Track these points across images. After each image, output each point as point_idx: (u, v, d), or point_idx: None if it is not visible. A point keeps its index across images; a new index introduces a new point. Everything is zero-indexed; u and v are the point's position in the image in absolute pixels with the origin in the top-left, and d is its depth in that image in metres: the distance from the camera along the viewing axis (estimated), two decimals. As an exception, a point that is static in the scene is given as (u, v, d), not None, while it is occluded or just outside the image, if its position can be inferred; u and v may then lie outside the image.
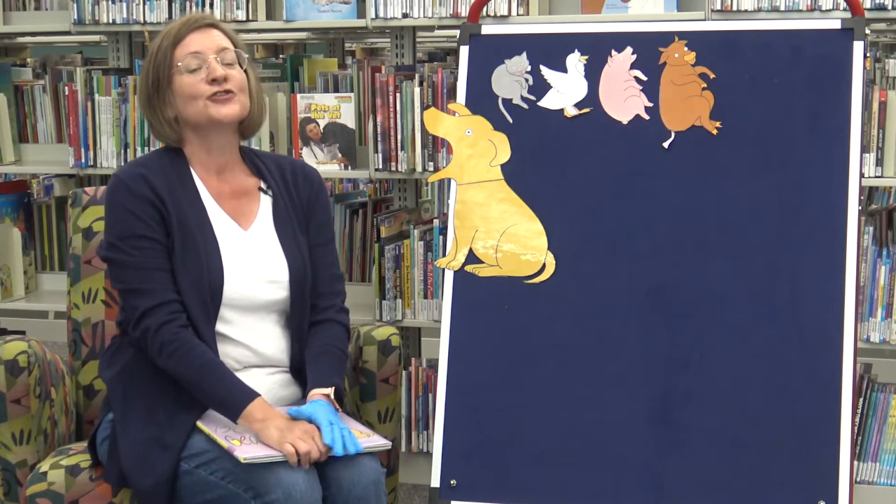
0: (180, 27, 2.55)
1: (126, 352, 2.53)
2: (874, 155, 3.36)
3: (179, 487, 2.42)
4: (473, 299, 2.76)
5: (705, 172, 2.69)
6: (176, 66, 2.51)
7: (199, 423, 2.42)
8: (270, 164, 2.65)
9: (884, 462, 3.44)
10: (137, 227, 2.47)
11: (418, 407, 3.77)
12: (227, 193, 2.57)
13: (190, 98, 2.50)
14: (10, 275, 4.09)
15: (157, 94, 2.54)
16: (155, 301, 2.45)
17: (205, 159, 2.56)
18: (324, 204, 2.68)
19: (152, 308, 2.45)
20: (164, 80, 2.52)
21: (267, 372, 2.55)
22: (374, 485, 2.38)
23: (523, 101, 2.81)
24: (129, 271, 2.48)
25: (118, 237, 2.49)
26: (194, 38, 2.53)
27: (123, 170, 2.55)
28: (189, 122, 2.53)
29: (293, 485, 2.28)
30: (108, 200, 2.53)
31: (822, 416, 2.56)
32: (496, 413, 2.70)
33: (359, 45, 6.25)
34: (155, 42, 2.56)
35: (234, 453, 2.31)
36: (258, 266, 2.53)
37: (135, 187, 2.49)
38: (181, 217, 2.49)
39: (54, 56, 5.34)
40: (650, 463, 2.62)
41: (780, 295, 2.62)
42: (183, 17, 2.59)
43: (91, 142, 3.92)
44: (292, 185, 2.64)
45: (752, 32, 2.74)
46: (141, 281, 2.47)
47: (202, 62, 2.51)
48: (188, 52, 2.51)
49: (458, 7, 3.64)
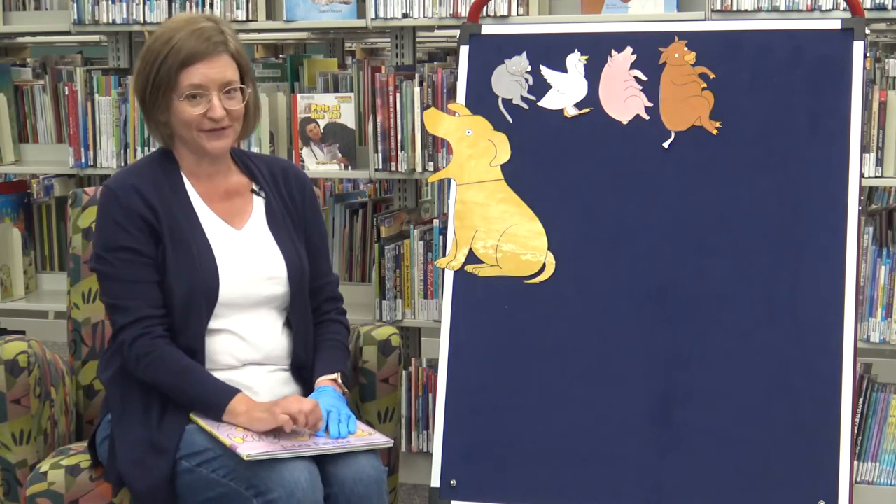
0: (192, 50, 2.44)
1: (122, 354, 2.53)
2: (874, 155, 3.36)
3: (180, 486, 2.42)
4: (473, 299, 2.76)
5: (705, 172, 2.69)
6: (177, 91, 2.45)
7: (200, 420, 2.42)
8: (261, 165, 2.64)
9: (884, 462, 3.44)
10: (123, 238, 2.46)
11: (418, 407, 3.77)
12: (218, 195, 2.56)
13: (184, 123, 2.48)
14: (10, 275, 4.09)
15: (153, 101, 2.49)
16: (131, 318, 2.46)
17: (195, 163, 2.55)
18: (316, 206, 2.69)
19: (128, 325, 2.46)
20: (162, 95, 2.47)
21: (267, 370, 2.54)
22: (376, 483, 2.39)
23: (523, 101, 2.81)
24: (112, 283, 2.48)
25: (104, 248, 2.48)
26: (201, 69, 2.44)
27: (114, 179, 2.53)
28: (182, 138, 2.52)
29: (295, 483, 2.28)
30: (98, 211, 2.53)
31: (822, 416, 2.56)
32: (496, 413, 2.70)
33: (359, 45, 6.25)
34: (158, 45, 2.46)
35: (237, 451, 2.30)
36: (255, 264, 2.52)
37: (124, 198, 2.47)
38: (172, 224, 2.48)
39: (54, 56, 5.33)
40: (650, 463, 2.62)
41: (780, 295, 2.62)
42: (194, 27, 2.46)
43: (91, 142, 3.92)
44: (283, 187, 2.63)
45: (752, 32, 2.74)
46: (120, 296, 2.47)
47: (204, 96, 2.46)
48: (192, 83, 2.44)
49: (458, 7, 3.64)
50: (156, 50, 2.47)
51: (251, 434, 2.36)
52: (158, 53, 2.46)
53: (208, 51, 2.45)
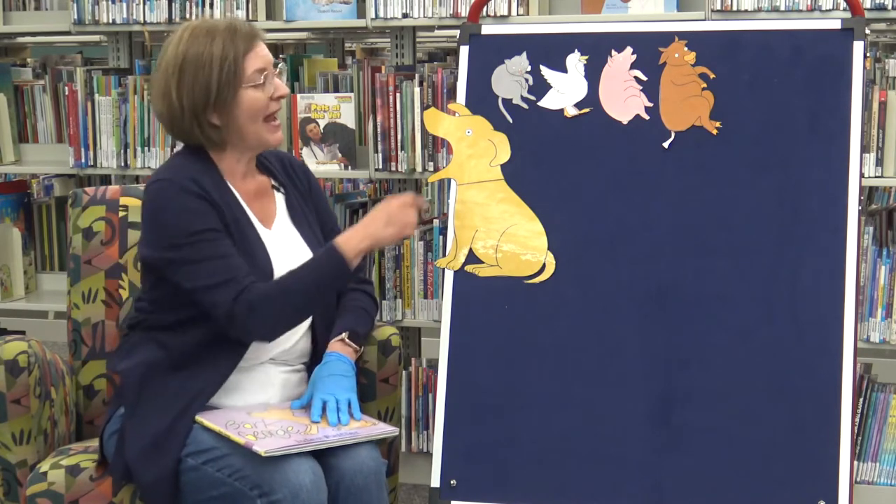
0: (246, 37, 2.47)
1: (147, 346, 2.52)
2: (874, 155, 3.36)
3: (185, 483, 2.42)
4: (473, 299, 2.76)
5: (705, 172, 2.69)
6: (244, 79, 2.46)
7: (205, 420, 2.42)
8: (273, 160, 2.67)
9: (884, 462, 3.44)
10: (200, 222, 2.43)
11: (418, 407, 3.77)
12: (251, 195, 2.58)
13: (254, 114, 2.48)
14: (10, 275, 4.09)
15: (215, 103, 2.46)
16: (239, 286, 2.42)
17: (234, 163, 2.55)
18: (321, 191, 2.74)
19: (238, 295, 2.41)
20: (229, 91, 2.46)
21: (282, 370, 2.57)
22: (375, 475, 2.40)
23: (523, 101, 2.81)
24: (202, 266, 2.42)
25: (182, 236, 2.42)
26: (259, 52, 2.49)
27: (167, 172, 2.50)
28: (241, 135, 2.51)
29: (300, 485, 2.29)
30: (158, 204, 2.46)
31: (822, 416, 2.56)
32: (496, 413, 2.70)
33: (359, 45, 6.25)
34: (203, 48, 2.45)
35: (254, 448, 2.30)
36: (290, 263, 2.52)
37: (190, 187, 2.44)
38: (230, 219, 2.49)
39: (54, 56, 5.33)
40: (650, 463, 2.62)
41: (780, 295, 2.62)
42: (224, 23, 2.49)
43: (91, 142, 3.92)
44: (294, 178, 2.67)
45: (752, 32, 2.74)
46: (216, 272, 2.42)
47: (267, 78, 2.49)
48: (257, 68, 2.47)
49: (458, 7, 3.64)
50: (206, 53, 2.46)
51: (261, 431, 2.37)
52: (211, 54, 2.45)
53: (256, 35, 2.50)
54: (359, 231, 2.51)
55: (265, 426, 2.39)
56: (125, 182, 3.97)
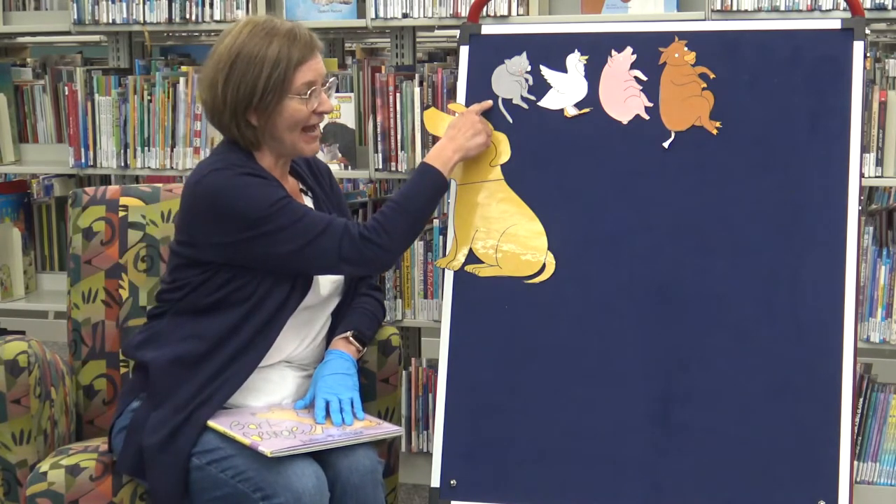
0: (304, 48, 2.47)
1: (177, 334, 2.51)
2: (874, 155, 3.36)
3: (190, 482, 2.43)
4: (473, 299, 2.76)
5: (705, 172, 2.69)
6: (291, 89, 2.46)
7: (210, 422, 2.43)
8: (301, 162, 2.69)
9: (884, 462, 3.44)
10: (274, 192, 2.46)
11: (418, 407, 3.77)
12: None
13: (293, 124, 2.48)
14: (10, 275, 4.09)
15: (259, 103, 2.46)
16: (340, 224, 2.48)
17: (273, 164, 2.56)
18: (339, 191, 2.77)
19: (343, 231, 2.47)
20: (274, 95, 2.46)
21: (295, 374, 2.58)
22: (371, 473, 2.41)
23: (523, 101, 2.81)
24: (297, 225, 2.45)
25: (266, 206, 2.43)
26: (313, 65, 2.49)
27: (214, 164, 2.49)
28: (277, 140, 2.51)
29: (303, 490, 2.30)
30: (222, 190, 2.44)
31: (822, 416, 2.56)
32: (496, 413, 2.70)
33: (359, 45, 6.25)
34: (258, 49, 2.45)
35: (259, 448, 2.30)
36: None
37: (244, 169, 2.46)
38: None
39: (54, 56, 5.33)
40: (650, 463, 2.62)
41: (780, 295, 2.62)
42: (286, 27, 2.48)
43: (91, 142, 3.92)
44: (320, 178, 2.70)
45: (751, 32, 2.74)
46: (315, 223, 2.46)
47: (314, 92, 2.49)
48: (306, 81, 2.48)
49: (458, 7, 3.64)
50: (260, 54, 2.45)
51: (266, 431, 2.37)
52: (265, 56, 2.45)
53: (314, 46, 2.50)
54: (446, 146, 2.60)
55: (270, 427, 2.40)
56: (125, 182, 3.97)
